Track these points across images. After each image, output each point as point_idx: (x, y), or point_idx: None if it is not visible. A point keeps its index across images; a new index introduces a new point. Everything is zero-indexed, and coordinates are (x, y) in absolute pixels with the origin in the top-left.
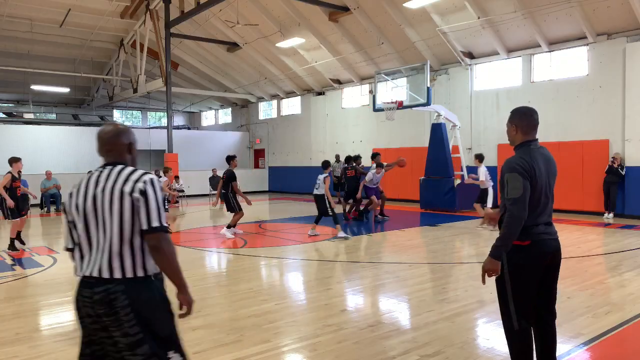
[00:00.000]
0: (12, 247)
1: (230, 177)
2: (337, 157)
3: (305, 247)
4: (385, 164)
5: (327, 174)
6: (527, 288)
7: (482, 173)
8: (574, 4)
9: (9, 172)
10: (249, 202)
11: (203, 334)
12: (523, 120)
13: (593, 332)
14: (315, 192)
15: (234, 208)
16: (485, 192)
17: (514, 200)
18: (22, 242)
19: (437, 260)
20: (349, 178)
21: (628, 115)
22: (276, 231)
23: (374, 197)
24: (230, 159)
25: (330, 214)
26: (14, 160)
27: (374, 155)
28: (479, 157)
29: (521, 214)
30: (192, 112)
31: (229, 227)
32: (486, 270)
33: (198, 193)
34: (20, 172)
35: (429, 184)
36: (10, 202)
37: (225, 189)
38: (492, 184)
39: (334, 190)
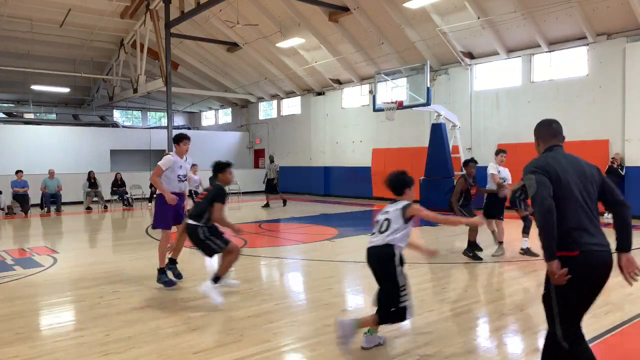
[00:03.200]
0: None
1: (215, 196)
2: (272, 157)
3: (305, 247)
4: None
5: None
6: (575, 304)
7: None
8: (574, 4)
9: None
10: (236, 231)
11: (203, 334)
12: (541, 130)
13: (593, 332)
14: None
15: (214, 248)
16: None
17: (532, 197)
18: None
19: (437, 260)
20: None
21: (628, 115)
22: (276, 231)
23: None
24: (221, 168)
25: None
26: None
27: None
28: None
29: (545, 203)
30: (192, 112)
31: (215, 279)
32: (550, 274)
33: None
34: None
35: (429, 184)
36: None
37: (202, 213)
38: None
39: (266, 191)
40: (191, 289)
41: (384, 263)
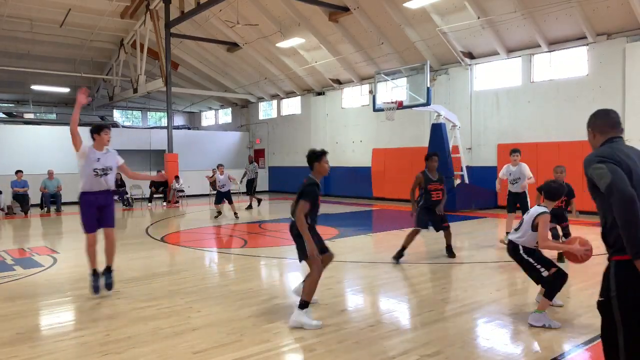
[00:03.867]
0: None
1: (302, 192)
2: (250, 158)
3: None
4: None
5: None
6: None
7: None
8: (574, 4)
9: None
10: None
11: (203, 334)
12: (597, 120)
13: (593, 332)
14: None
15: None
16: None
17: (607, 187)
18: None
19: (437, 260)
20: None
21: (628, 115)
22: (276, 231)
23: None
24: (317, 157)
25: None
26: None
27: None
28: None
29: (626, 192)
30: (192, 112)
31: (302, 305)
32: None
33: (198, 193)
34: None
35: None
36: None
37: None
38: None
39: (247, 193)
40: (191, 289)
41: (512, 254)
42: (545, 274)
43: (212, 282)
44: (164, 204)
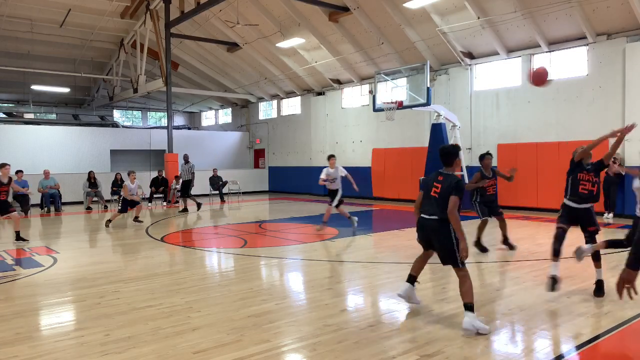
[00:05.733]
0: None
1: (456, 187)
2: (186, 157)
3: (305, 247)
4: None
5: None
6: None
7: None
8: (574, 4)
9: None
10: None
11: (203, 334)
12: None
13: (593, 332)
14: None
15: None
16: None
17: None
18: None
19: (437, 260)
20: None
21: (628, 115)
22: (276, 231)
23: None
24: (454, 154)
25: None
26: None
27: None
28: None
29: None
30: (192, 112)
31: (468, 308)
32: (622, 280)
33: (198, 193)
34: (11, 177)
35: None
36: None
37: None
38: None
39: (181, 195)
40: (191, 289)
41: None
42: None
43: (212, 282)
44: (164, 204)
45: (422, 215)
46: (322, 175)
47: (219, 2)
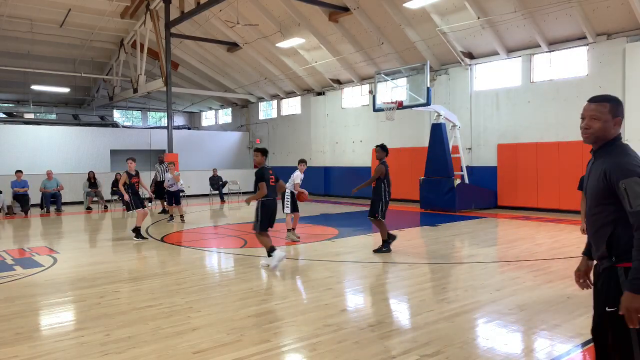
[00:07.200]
0: None
1: None
2: (160, 158)
3: (305, 247)
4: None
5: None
6: None
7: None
8: (574, 4)
9: None
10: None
11: (203, 334)
12: (620, 108)
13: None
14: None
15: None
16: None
17: None
18: None
19: (437, 260)
20: None
21: (628, 116)
22: (276, 231)
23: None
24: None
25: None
26: None
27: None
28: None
29: None
30: (192, 112)
31: None
32: (633, 311)
33: (198, 193)
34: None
35: (429, 184)
36: None
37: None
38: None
39: (155, 197)
40: (191, 289)
41: None
42: None
43: (212, 282)
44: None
45: None
46: (297, 180)
47: (219, 2)
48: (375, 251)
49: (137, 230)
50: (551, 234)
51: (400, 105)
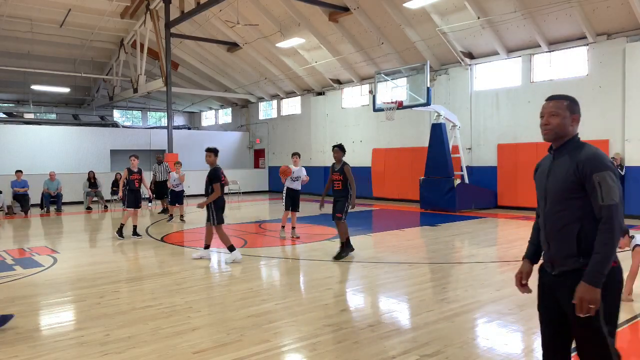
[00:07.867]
0: None
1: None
2: (159, 158)
3: (305, 247)
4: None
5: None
6: (617, 318)
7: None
8: (574, 4)
9: None
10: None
11: (203, 334)
12: (577, 107)
13: None
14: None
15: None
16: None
17: (615, 206)
18: None
19: (437, 260)
20: None
21: (628, 115)
22: (276, 231)
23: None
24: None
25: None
26: None
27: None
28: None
29: (622, 224)
30: (192, 112)
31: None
32: (586, 302)
33: (198, 193)
34: None
35: (429, 184)
36: None
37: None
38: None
39: (155, 197)
40: (191, 289)
41: None
42: None
43: (212, 282)
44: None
45: None
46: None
47: (219, 2)
48: (336, 258)
49: (120, 228)
50: None
51: (400, 105)
